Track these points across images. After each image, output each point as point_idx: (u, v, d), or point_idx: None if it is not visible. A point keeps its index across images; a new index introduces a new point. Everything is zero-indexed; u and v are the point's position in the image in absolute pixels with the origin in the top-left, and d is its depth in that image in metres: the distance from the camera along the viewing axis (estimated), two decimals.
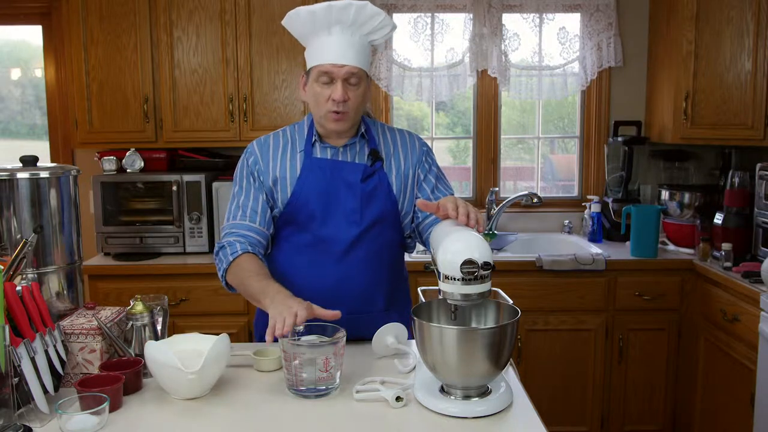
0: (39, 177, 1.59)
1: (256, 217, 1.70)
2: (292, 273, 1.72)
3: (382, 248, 1.73)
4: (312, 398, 1.39)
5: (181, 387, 1.37)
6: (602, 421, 3.02)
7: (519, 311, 1.36)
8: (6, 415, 1.23)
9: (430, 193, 1.77)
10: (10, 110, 3.69)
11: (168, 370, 1.36)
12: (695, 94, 3.05)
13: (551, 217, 3.57)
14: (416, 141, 1.81)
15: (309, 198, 1.69)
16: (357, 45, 1.63)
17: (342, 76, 1.61)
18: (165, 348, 1.38)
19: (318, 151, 1.73)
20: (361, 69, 1.64)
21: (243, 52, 3.08)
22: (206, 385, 1.41)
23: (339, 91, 1.61)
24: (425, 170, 1.78)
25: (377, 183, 1.71)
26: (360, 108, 1.68)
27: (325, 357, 1.37)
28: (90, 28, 3.05)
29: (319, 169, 1.70)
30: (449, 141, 3.70)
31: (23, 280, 1.52)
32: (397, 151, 1.77)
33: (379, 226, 1.72)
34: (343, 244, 1.68)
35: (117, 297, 2.86)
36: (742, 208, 2.86)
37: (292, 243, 1.73)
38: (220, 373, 1.43)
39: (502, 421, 1.30)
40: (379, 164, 1.72)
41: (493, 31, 3.37)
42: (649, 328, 2.97)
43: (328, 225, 1.69)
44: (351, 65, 1.61)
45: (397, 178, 1.74)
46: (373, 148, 1.73)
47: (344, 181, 1.70)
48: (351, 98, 1.63)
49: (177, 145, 3.18)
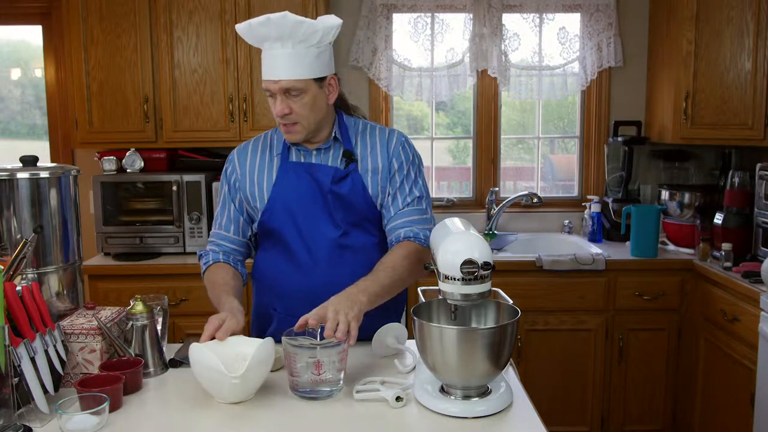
0: (39, 177, 1.59)
1: (231, 226, 1.78)
2: (278, 278, 1.73)
3: (367, 249, 1.72)
4: (307, 400, 1.39)
5: (224, 390, 1.35)
6: (602, 421, 3.02)
7: (519, 311, 1.36)
8: (6, 415, 1.23)
9: (390, 197, 1.72)
10: (10, 110, 3.69)
11: (211, 373, 1.33)
12: (695, 94, 3.05)
13: (551, 217, 3.57)
14: (395, 137, 1.75)
15: (285, 203, 1.70)
16: (290, 56, 1.58)
17: (278, 91, 1.60)
18: (208, 350, 1.35)
19: (293, 155, 1.74)
20: (300, 80, 1.59)
21: (243, 52, 3.08)
22: (250, 390, 1.38)
23: (278, 105, 1.62)
24: (394, 169, 1.72)
25: (351, 185, 1.69)
26: (312, 115, 1.64)
27: (317, 360, 1.36)
28: (90, 28, 3.05)
29: (293, 173, 1.71)
30: (449, 141, 3.70)
31: (23, 280, 1.52)
32: (374, 150, 1.73)
33: (360, 229, 1.72)
34: (324, 247, 1.68)
35: (117, 297, 2.86)
36: (742, 208, 2.87)
37: (276, 248, 1.74)
38: (263, 378, 1.40)
39: (502, 421, 1.30)
40: (353, 166, 1.70)
41: (493, 31, 3.37)
42: (649, 328, 2.97)
43: (307, 229, 1.69)
44: (284, 79, 1.58)
45: (373, 178, 1.71)
46: (346, 149, 1.72)
47: (317, 184, 1.69)
48: (295, 109, 1.61)
49: (177, 145, 3.18)
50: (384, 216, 1.74)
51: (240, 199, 1.76)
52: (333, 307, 1.40)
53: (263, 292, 1.80)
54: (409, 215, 1.71)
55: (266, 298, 1.78)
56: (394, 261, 1.62)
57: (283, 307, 1.73)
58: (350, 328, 1.37)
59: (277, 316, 1.75)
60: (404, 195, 1.72)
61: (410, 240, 1.67)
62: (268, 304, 1.77)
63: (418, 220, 1.71)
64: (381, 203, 1.73)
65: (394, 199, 1.72)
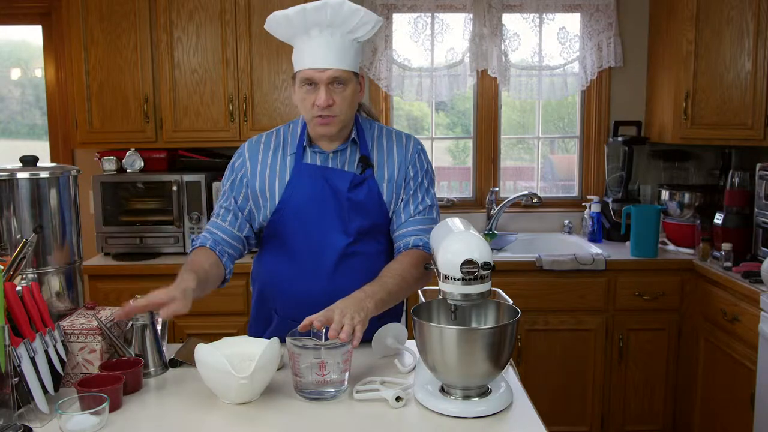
0: (39, 177, 1.59)
1: (228, 217, 1.71)
2: (281, 282, 1.71)
3: (375, 257, 1.70)
4: (310, 401, 1.39)
5: (231, 391, 1.34)
6: (602, 421, 3.02)
7: (519, 311, 1.36)
8: (6, 415, 1.23)
9: (402, 203, 1.70)
10: (10, 110, 3.69)
11: (218, 374, 1.33)
12: (695, 94, 3.05)
13: (551, 217, 3.57)
14: (411, 144, 1.73)
15: (298, 205, 1.66)
16: (339, 45, 1.55)
17: (324, 80, 1.55)
18: (215, 351, 1.35)
19: (308, 156, 1.68)
20: (346, 70, 1.57)
21: (243, 52, 3.08)
22: (256, 390, 1.37)
23: (322, 96, 1.55)
24: (410, 177, 1.70)
25: (367, 192, 1.66)
26: (349, 110, 1.61)
27: (321, 360, 1.35)
28: (90, 28, 3.05)
29: (308, 176, 1.66)
30: (449, 141, 3.70)
31: (23, 280, 1.52)
32: (391, 157, 1.70)
33: (370, 236, 1.69)
34: (332, 253, 1.66)
35: (117, 297, 2.85)
36: (742, 208, 2.87)
37: (280, 251, 1.71)
38: (269, 379, 1.40)
39: (502, 421, 1.30)
40: (369, 172, 1.67)
41: (493, 31, 3.37)
42: (649, 328, 2.97)
43: (317, 234, 1.66)
44: (333, 68, 1.54)
45: (389, 185, 1.68)
46: (363, 155, 1.68)
47: (332, 189, 1.65)
48: (337, 101, 1.57)
49: (177, 145, 3.18)
50: (393, 222, 1.71)
51: (245, 194, 1.71)
52: (340, 310, 1.39)
53: (264, 294, 1.78)
54: (420, 224, 1.69)
55: (267, 301, 1.77)
56: (403, 268, 1.59)
57: (284, 309, 1.72)
58: (355, 330, 1.36)
59: (278, 318, 1.74)
60: (416, 203, 1.70)
61: (419, 248, 1.65)
62: (269, 305, 1.77)
63: (427, 229, 1.67)
64: (393, 210, 1.71)
65: (406, 205, 1.70)
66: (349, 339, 1.35)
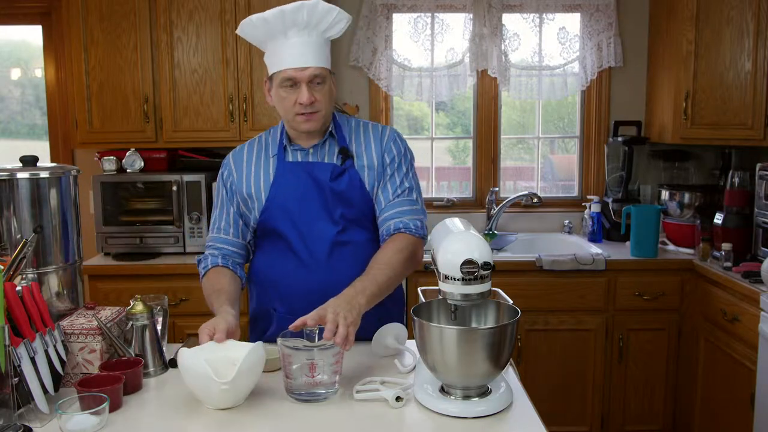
0: (39, 177, 1.59)
1: (230, 229, 1.77)
2: (279, 278, 1.73)
3: (365, 245, 1.72)
4: (302, 403, 1.38)
5: (213, 397, 1.32)
6: (602, 421, 3.02)
7: (519, 311, 1.36)
8: (6, 415, 1.23)
9: (380, 189, 1.73)
10: (10, 110, 3.69)
11: (200, 379, 1.31)
12: (695, 94, 3.05)
13: (551, 217, 3.57)
14: (387, 132, 1.77)
15: (284, 201, 1.70)
16: (315, 45, 1.63)
17: (305, 79, 1.62)
18: (197, 355, 1.33)
19: (290, 154, 1.74)
20: (324, 68, 1.64)
21: (243, 52, 3.08)
22: (240, 396, 1.36)
23: (305, 94, 1.62)
24: (386, 162, 1.73)
25: (348, 181, 1.70)
26: (329, 105, 1.68)
27: (312, 361, 1.35)
28: (90, 28, 3.05)
29: (291, 173, 1.71)
30: (449, 141, 3.70)
31: (23, 280, 1.51)
32: (369, 146, 1.75)
33: (358, 225, 1.73)
34: (323, 243, 1.69)
35: (117, 297, 2.86)
36: (742, 208, 2.86)
37: (275, 248, 1.74)
38: (254, 384, 1.38)
39: (502, 421, 1.30)
40: (349, 162, 1.71)
41: (493, 31, 3.37)
42: (649, 328, 2.97)
43: (305, 225, 1.69)
44: (313, 66, 1.62)
45: (370, 174, 1.72)
46: (342, 146, 1.73)
47: (315, 181, 1.70)
48: (318, 98, 1.64)
49: (177, 145, 3.18)
50: (375, 209, 1.74)
51: (237, 202, 1.77)
52: (332, 309, 1.39)
53: (263, 293, 1.79)
54: (400, 206, 1.71)
55: (266, 300, 1.78)
56: (389, 256, 1.62)
57: (284, 306, 1.73)
58: (348, 332, 1.36)
59: (278, 317, 1.75)
60: (395, 186, 1.73)
61: (401, 231, 1.68)
62: (268, 305, 1.77)
63: (408, 210, 1.71)
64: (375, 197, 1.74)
65: (384, 190, 1.72)
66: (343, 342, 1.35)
